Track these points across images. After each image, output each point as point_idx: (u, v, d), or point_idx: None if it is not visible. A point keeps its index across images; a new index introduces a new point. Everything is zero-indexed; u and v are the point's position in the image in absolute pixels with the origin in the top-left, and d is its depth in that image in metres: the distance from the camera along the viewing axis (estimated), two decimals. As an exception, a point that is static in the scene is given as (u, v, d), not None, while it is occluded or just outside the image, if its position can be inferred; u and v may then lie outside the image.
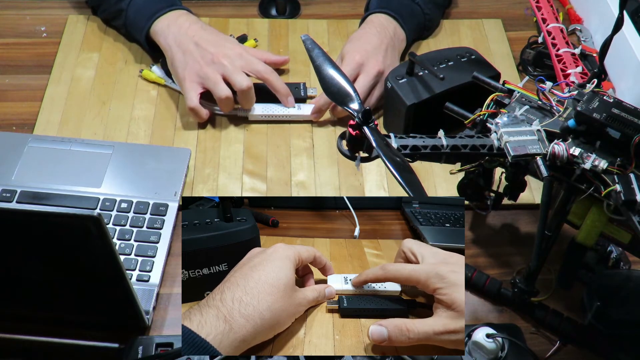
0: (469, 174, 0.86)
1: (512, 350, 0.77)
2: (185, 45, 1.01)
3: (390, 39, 1.06)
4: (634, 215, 0.66)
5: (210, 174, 0.98)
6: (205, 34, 1.03)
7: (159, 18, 1.05)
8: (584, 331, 0.81)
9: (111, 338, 0.80)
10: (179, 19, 1.05)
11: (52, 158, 0.96)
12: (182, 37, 1.02)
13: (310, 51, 0.76)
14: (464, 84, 0.95)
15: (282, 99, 1.04)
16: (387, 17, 1.09)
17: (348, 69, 1.01)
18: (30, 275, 0.74)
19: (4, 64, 1.11)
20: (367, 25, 1.08)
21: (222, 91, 0.99)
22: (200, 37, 1.02)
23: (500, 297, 0.86)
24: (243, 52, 1.02)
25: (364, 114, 0.67)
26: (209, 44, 1.01)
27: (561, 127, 0.73)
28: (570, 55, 1.06)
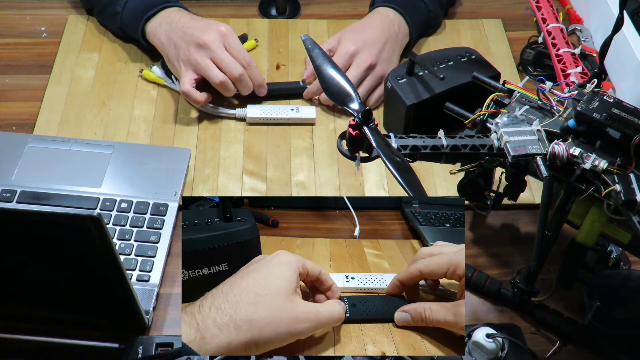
0: (469, 174, 0.86)
1: (512, 350, 0.77)
2: (175, 38, 1.01)
3: (393, 33, 1.06)
4: (634, 215, 0.66)
5: (210, 174, 0.98)
6: (192, 22, 1.03)
7: (152, 19, 1.05)
8: (584, 331, 0.81)
9: (111, 338, 0.80)
10: (169, 16, 1.05)
11: (52, 158, 0.96)
12: (172, 31, 1.02)
13: (310, 51, 0.76)
14: (464, 84, 0.95)
15: (256, 88, 1.04)
16: (393, 11, 1.09)
17: (340, 59, 1.02)
18: (30, 275, 0.74)
19: (4, 64, 1.11)
20: (373, 15, 1.09)
21: (215, 76, 0.99)
22: (187, 26, 1.02)
23: (500, 297, 0.86)
24: (228, 32, 1.01)
25: (364, 114, 0.67)
26: (194, 29, 1.01)
27: (561, 127, 0.73)
28: (570, 55, 1.06)
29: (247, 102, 1.05)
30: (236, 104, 1.06)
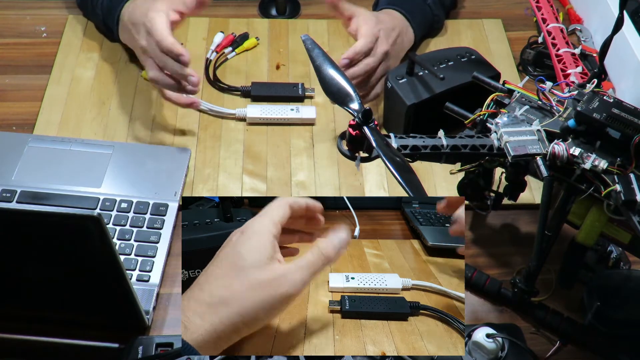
0: (469, 174, 0.86)
1: (512, 350, 0.77)
2: (128, 29, 0.99)
3: (402, 33, 1.06)
4: (634, 215, 0.66)
5: (210, 174, 0.98)
6: (135, 10, 0.98)
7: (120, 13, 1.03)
8: (584, 331, 0.81)
9: (111, 338, 0.80)
10: (129, 7, 1.01)
11: (52, 158, 0.96)
12: (126, 23, 1.00)
13: (310, 51, 0.76)
14: (464, 84, 0.95)
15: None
16: (399, 14, 1.09)
17: (366, 41, 0.97)
18: (30, 275, 0.74)
19: (4, 64, 1.11)
20: (382, 12, 1.08)
21: (149, 72, 0.94)
22: (130, 14, 0.98)
23: (500, 297, 0.86)
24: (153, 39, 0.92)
25: (364, 114, 0.67)
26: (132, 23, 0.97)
27: (561, 127, 0.73)
28: (570, 55, 1.06)
29: (247, 102, 1.05)
30: (236, 104, 1.06)
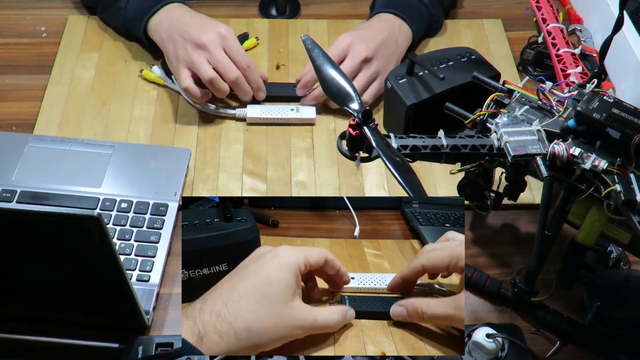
0: (469, 174, 0.86)
1: (512, 350, 0.77)
2: (174, 36, 1.01)
3: (393, 33, 1.06)
4: (634, 215, 0.66)
5: (210, 174, 0.98)
6: (192, 20, 1.03)
7: (154, 15, 1.05)
8: (584, 331, 0.81)
9: (111, 338, 0.80)
10: (170, 13, 1.05)
11: (52, 158, 0.96)
12: (172, 28, 1.02)
13: (310, 51, 0.76)
14: (464, 84, 0.95)
15: (254, 91, 1.04)
16: (394, 16, 1.09)
17: (335, 51, 1.01)
18: (30, 275, 0.74)
19: (4, 64, 1.11)
20: (373, 19, 1.09)
21: (205, 73, 0.98)
22: (187, 24, 1.01)
23: (500, 297, 0.86)
24: (227, 34, 1.01)
25: (364, 114, 0.67)
26: (194, 28, 1.00)
27: (561, 127, 0.73)
28: (570, 55, 1.06)
29: (247, 102, 1.05)
30: (236, 104, 1.06)
